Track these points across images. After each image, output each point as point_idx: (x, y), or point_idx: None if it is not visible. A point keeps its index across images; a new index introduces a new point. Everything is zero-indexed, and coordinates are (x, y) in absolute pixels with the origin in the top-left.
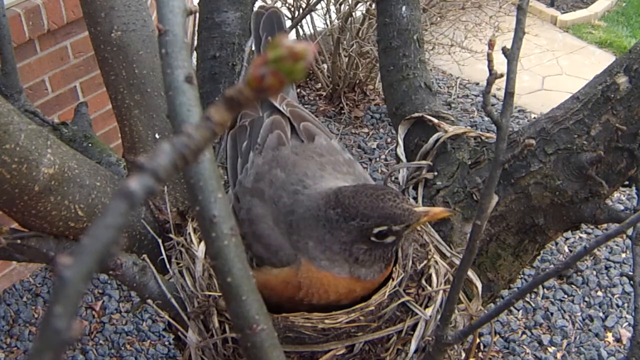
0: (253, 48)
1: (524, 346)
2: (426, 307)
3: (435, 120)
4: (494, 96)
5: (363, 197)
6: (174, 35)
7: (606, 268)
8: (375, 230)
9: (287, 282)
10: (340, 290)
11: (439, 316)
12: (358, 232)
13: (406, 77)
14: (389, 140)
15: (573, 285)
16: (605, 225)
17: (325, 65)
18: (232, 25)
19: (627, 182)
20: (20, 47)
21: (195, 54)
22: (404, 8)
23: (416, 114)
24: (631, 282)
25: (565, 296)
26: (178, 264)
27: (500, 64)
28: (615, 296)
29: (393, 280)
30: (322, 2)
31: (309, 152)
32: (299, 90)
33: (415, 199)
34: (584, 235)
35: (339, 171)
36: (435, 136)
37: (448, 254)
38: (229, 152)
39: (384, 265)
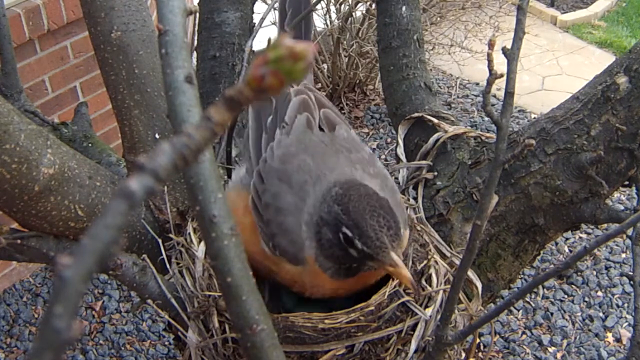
0: (253, 48)
1: (524, 346)
2: (426, 307)
3: (435, 120)
4: (494, 96)
5: (364, 202)
6: (174, 35)
7: (606, 268)
8: (343, 229)
9: (295, 281)
10: (321, 285)
11: (439, 316)
12: (333, 218)
13: (406, 77)
14: (389, 140)
15: (573, 285)
16: (605, 225)
17: (325, 65)
18: (232, 25)
19: (627, 182)
20: (20, 47)
21: (195, 54)
22: (404, 8)
23: (416, 114)
24: (631, 282)
25: (565, 296)
26: (178, 264)
27: (500, 64)
28: (615, 296)
29: (393, 280)
30: (322, 2)
31: (337, 145)
32: None
33: (415, 199)
34: (584, 235)
35: (367, 172)
36: (435, 136)
37: (448, 254)
38: (252, 124)
39: (341, 272)
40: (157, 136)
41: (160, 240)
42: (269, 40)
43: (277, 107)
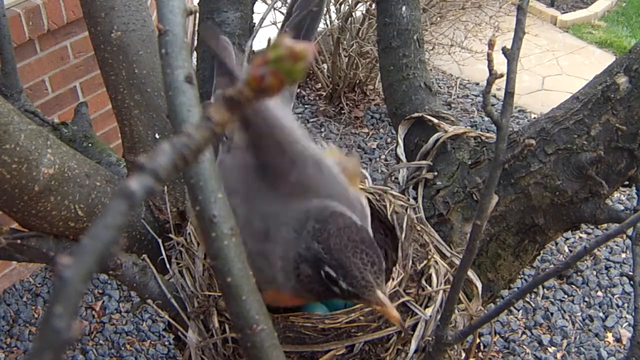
0: (253, 48)
1: (524, 346)
2: (426, 307)
3: (435, 120)
4: (494, 96)
5: (344, 237)
6: (174, 35)
7: (606, 268)
8: (326, 269)
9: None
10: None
11: (439, 316)
12: (312, 256)
13: (406, 77)
14: (389, 140)
15: (573, 285)
16: (605, 225)
17: (325, 65)
18: (232, 25)
19: (627, 182)
20: (20, 47)
21: (195, 54)
22: (404, 8)
23: (416, 114)
24: (631, 282)
25: (565, 296)
26: (178, 264)
27: (500, 64)
28: (615, 296)
29: (393, 280)
30: None
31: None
32: (299, 90)
33: (415, 199)
34: (584, 235)
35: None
36: (435, 136)
37: (448, 254)
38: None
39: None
40: (157, 136)
41: (160, 240)
42: (269, 40)
43: None
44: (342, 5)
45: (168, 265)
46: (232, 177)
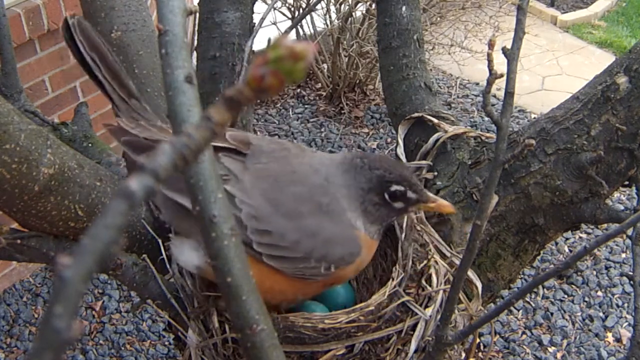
0: (253, 48)
1: (524, 346)
2: (426, 307)
3: (435, 120)
4: (494, 96)
5: (389, 161)
6: (174, 35)
7: (606, 268)
8: (393, 187)
9: (356, 269)
10: (372, 252)
11: (439, 316)
12: (377, 182)
13: (406, 77)
14: (389, 140)
15: (573, 285)
16: (605, 225)
17: (325, 65)
18: (232, 25)
19: (627, 182)
20: (20, 47)
21: (195, 54)
22: (404, 8)
23: (416, 114)
24: (631, 282)
25: (565, 296)
26: (178, 264)
27: (500, 64)
28: (615, 296)
29: (393, 280)
30: (322, 2)
31: (277, 153)
32: (299, 90)
33: None
34: (584, 235)
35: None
36: (435, 136)
37: (448, 254)
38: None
39: (381, 231)
40: None
41: (160, 240)
42: (269, 40)
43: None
44: (342, 5)
45: (168, 265)
46: (264, 186)
